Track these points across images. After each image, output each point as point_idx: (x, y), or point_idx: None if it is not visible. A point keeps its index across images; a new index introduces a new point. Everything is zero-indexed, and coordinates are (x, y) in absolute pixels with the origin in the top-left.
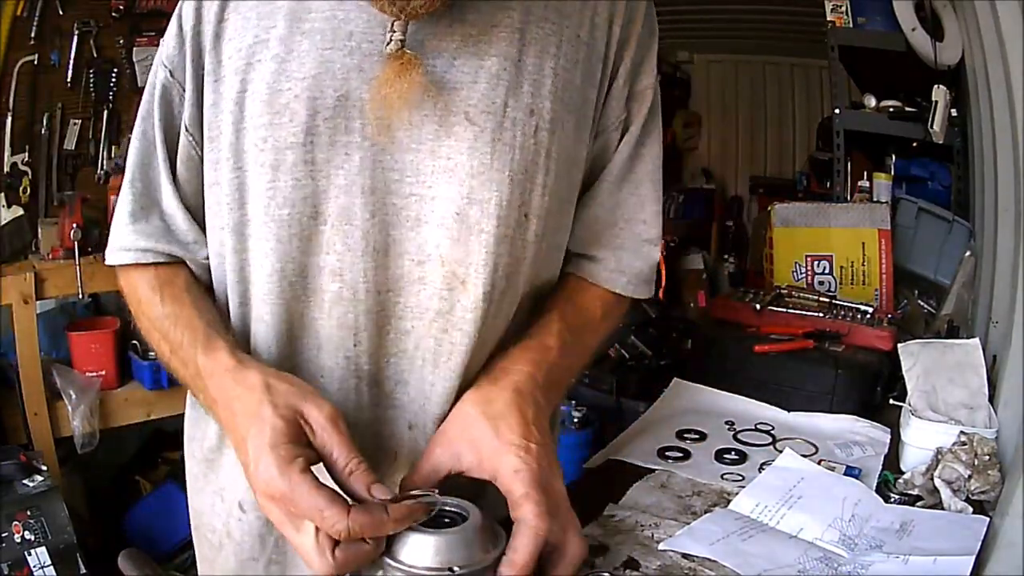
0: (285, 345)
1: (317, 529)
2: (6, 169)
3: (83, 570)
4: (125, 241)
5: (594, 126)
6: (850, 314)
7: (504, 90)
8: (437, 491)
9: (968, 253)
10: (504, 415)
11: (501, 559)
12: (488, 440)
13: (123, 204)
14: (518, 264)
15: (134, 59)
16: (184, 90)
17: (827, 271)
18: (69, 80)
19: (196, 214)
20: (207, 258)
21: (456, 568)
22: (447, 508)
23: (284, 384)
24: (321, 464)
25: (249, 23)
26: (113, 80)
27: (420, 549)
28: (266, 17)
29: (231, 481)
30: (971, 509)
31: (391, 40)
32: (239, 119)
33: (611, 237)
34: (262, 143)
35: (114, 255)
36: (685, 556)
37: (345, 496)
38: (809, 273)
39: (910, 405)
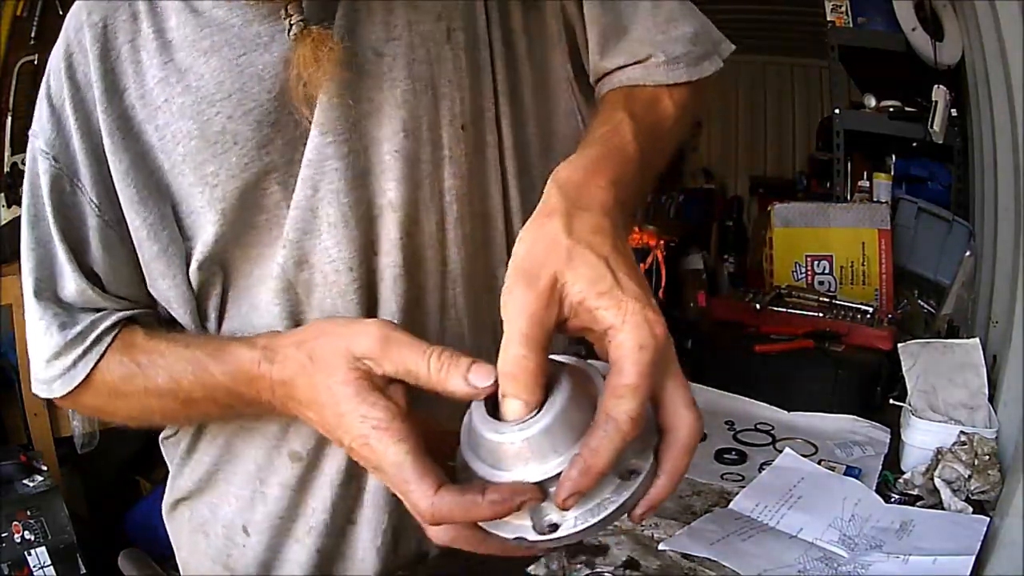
0: None
1: None
2: (6, 169)
3: (83, 570)
4: (64, 362)
5: None
6: (850, 314)
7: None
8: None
9: (968, 253)
10: (601, 248)
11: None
12: (600, 280)
13: (39, 330)
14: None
15: None
16: (78, 173)
17: (827, 271)
18: None
19: (131, 297)
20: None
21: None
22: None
23: (321, 340)
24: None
25: (141, 67)
26: None
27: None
28: (157, 54)
29: (214, 510)
30: (971, 509)
31: (291, 25)
32: (171, 167)
33: (633, 39)
34: (213, 179)
35: (56, 385)
36: (685, 556)
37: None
38: (809, 273)
39: (910, 405)
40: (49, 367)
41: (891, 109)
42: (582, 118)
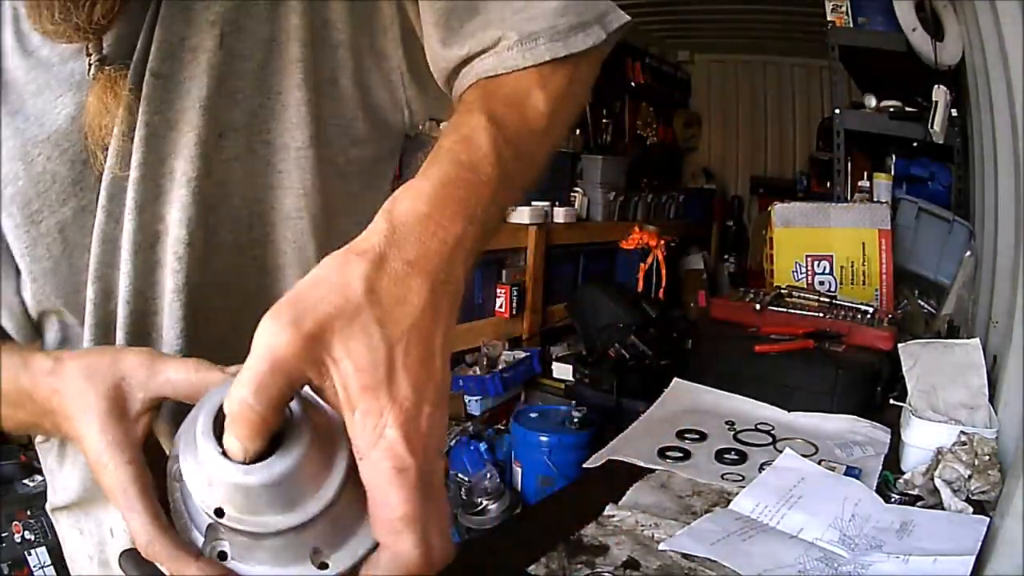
0: None
1: None
2: None
3: None
4: None
5: None
6: (850, 314)
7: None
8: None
9: (968, 253)
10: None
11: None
12: (371, 369)
13: None
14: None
15: None
16: None
17: (827, 271)
18: None
19: None
20: None
21: (274, 528)
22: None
23: (98, 357)
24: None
25: None
26: None
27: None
28: None
29: (87, 512)
30: (971, 509)
31: (90, 65)
32: (2, 209)
33: (481, 22)
34: (38, 216)
35: None
36: (685, 556)
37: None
38: (809, 273)
39: (910, 405)
40: None
41: (891, 109)
42: (410, 113)
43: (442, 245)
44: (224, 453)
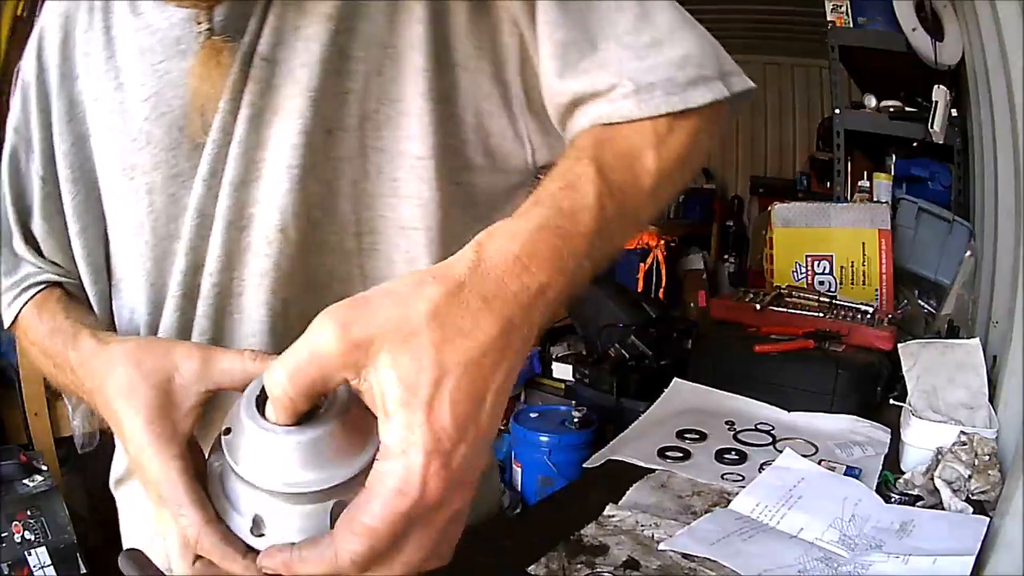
0: None
1: None
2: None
3: (83, 570)
4: (5, 300)
5: None
6: (850, 314)
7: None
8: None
9: (968, 253)
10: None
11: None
12: (412, 389)
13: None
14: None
15: None
16: (32, 145)
17: (827, 271)
18: None
19: (64, 264)
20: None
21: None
22: None
23: (147, 347)
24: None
25: (90, 59)
26: None
27: (258, 451)
28: (103, 49)
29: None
30: (971, 509)
31: (200, 32)
32: (101, 156)
33: (599, 60)
34: (131, 171)
35: (2, 318)
36: (685, 556)
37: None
38: (809, 273)
39: (910, 405)
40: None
41: (891, 109)
42: (532, 149)
43: (523, 291)
44: (263, 414)
